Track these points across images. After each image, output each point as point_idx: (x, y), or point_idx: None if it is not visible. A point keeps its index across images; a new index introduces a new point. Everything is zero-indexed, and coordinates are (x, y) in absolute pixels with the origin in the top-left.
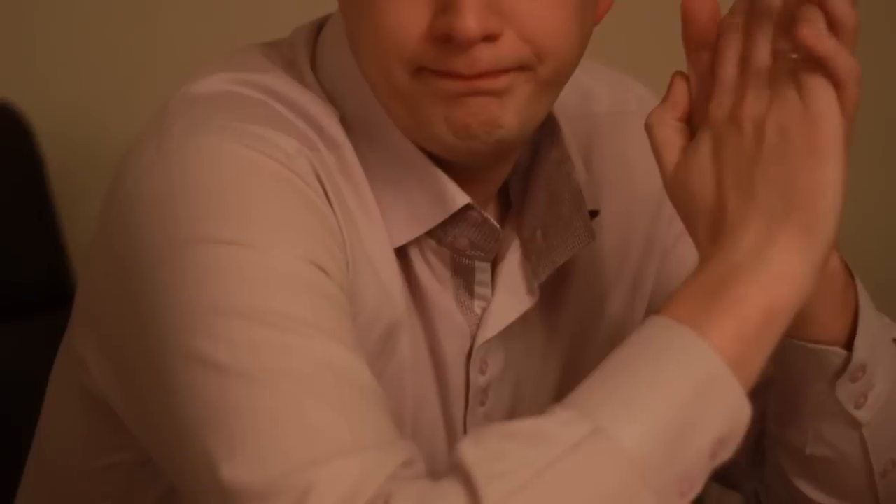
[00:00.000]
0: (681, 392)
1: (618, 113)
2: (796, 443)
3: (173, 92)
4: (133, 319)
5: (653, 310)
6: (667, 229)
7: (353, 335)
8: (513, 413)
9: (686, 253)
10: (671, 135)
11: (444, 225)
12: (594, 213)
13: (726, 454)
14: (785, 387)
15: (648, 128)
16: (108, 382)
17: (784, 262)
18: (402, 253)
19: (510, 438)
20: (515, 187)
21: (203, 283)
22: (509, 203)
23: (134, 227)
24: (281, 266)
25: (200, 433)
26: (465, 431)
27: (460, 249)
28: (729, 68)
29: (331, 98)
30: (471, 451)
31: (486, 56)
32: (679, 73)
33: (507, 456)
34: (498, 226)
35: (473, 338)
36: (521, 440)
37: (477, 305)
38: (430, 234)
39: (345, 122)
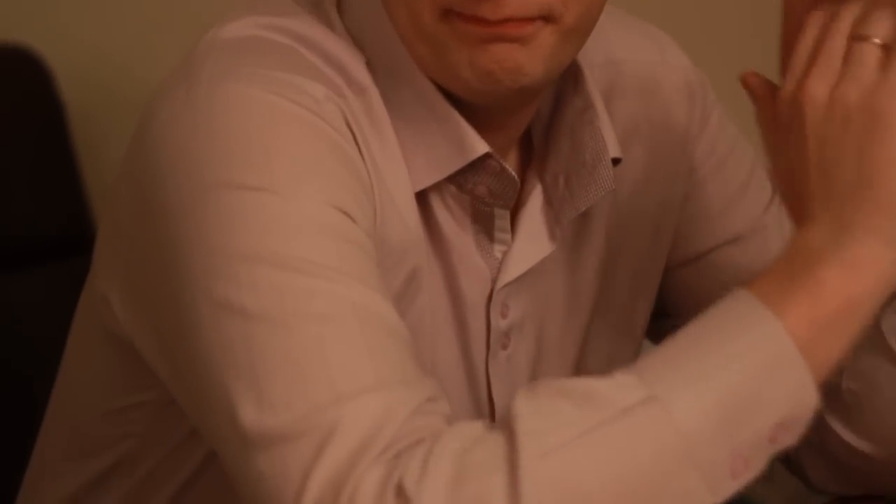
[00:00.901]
0: (745, 369)
1: (642, 61)
2: (833, 375)
3: (200, 36)
4: (158, 262)
5: (675, 255)
6: (688, 178)
7: (379, 279)
8: (538, 358)
9: (709, 201)
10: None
11: (464, 172)
12: (616, 161)
13: (789, 440)
14: None
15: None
16: (133, 323)
17: (864, 245)
18: (422, 198)
19: (564, 396)
20: (538, 134)
21: (227, 229)
22: (532, 150)
23: (160, 171)
24: (306, 212)
25: (223, 377)
26: (486, 375)
27: (479, 197)
28: (810, 44)
29: (356, 41)
30: (523, 403)
31: (511, 2)
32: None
33: (555, 413)
34: (515, 176)
35: (494, 282)
36: (574, 399)
37: (497, 250)
38: (451, 180)
39: (370, 66)
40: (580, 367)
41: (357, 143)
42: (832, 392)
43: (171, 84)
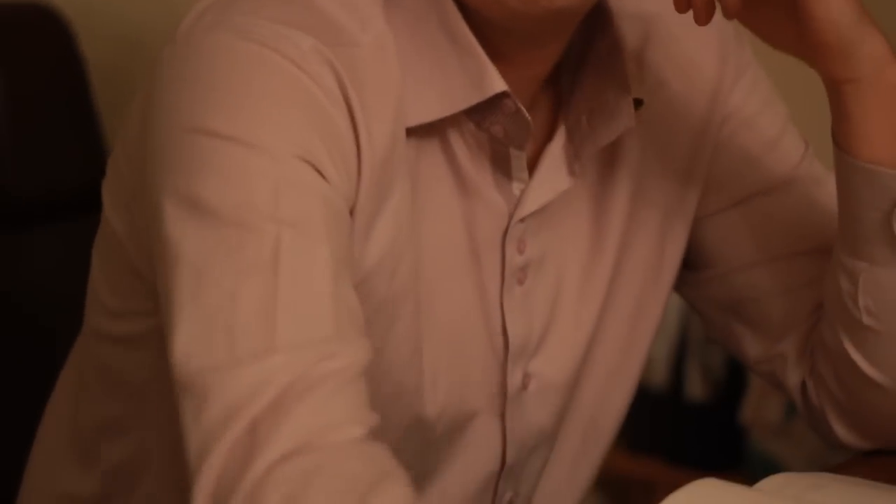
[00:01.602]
0: None
1: (674, 13)
2: (853, 294)
3: None
4: (142, 186)
5: (705, 205)
6: (720, 128)
7: (339, 234)
8: (557, 298)
9: (741, 151)
10: None
11: (482, 110)
12: (639, 102)
13: None
14: (844, 215)
15: None
16: (130, 243)
17: None
18: (442, 134)
19: None
20: (566, 80)
21: (186, 171)
22: (561, 97)
23: (152, 107)
24: (270, 163)
25: (167, 309)
26: (501, 309)
27: (495, 136)
28: None
29: None
30: None
31: None
32: None
33: None
34: (529, 118)
35: (511, 217)
36: None
37: (515, 187)
38: (469, 117)
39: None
40: (605, 313)
41: (347, 97)
42: (851, 319)
43: (181, 27)
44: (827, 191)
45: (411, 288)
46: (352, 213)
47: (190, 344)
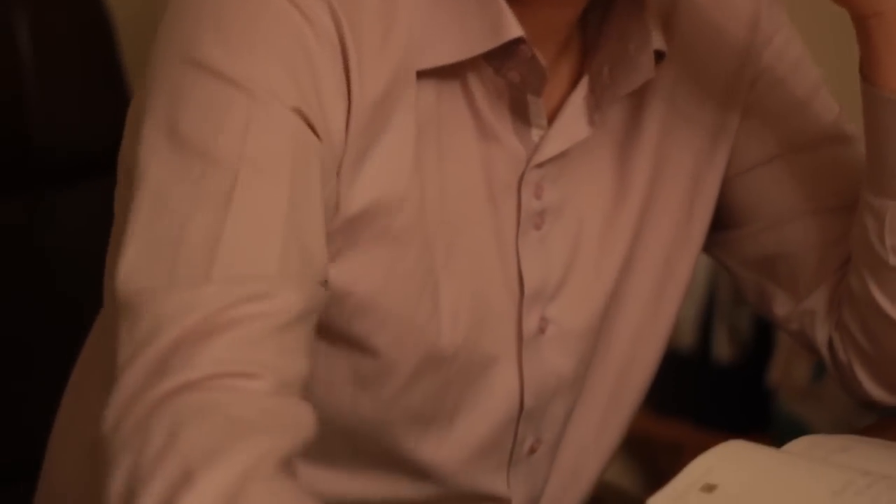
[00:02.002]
0: None
1: None
2: (879, 234)
3: None
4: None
5: (736, 163)
6: (751, 87)
7: (304, 183)
8: (576, 246)
9: (773, 109)
10: None
11: (499, 56)
12: (660, 54)
13: None
14: (871, 153)
15: None
16: None
17: None
18: (462, 77)
19: None
20: (592, 30)
21: (170, 99)
22: (585, 51)
23: (155, 40)
24: (249, 103)
25: (118, 224)
26: (517, 253)
27: (512, 82)
28: None
29: None
30: None
31: None
32: None
33: None
34: (544, 66)
35: (528, 162)
36: None
37: (534, 133)
38: (488, 62)
39: None
40: (629, 267)
41: (342, 38)
42: (877, 261)
43: None
44: (858, 151)
45: (418, 226)
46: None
47: (135, 265)
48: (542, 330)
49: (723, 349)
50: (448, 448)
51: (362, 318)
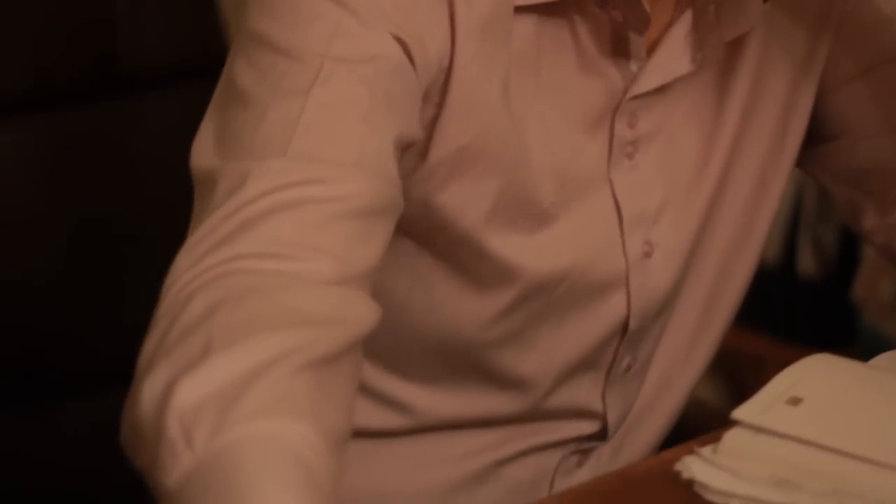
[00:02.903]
0: None
1: None
2: None
3: None
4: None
5: (832, 74)
6: (843, 3)
7: (385, 88)
8: (673, 171)
9: (869, 17)
10: None
11: None
12: None
13: None
14: None
15: None
16: None
17: None
18: (566, 14)
19: None
20: None
21: (266, 9)
22: None
23: None
24: (342, 14)
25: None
26: (609, 180)
27: (615, 20)
28: None
29: None
30: None
31: None
32: None
33: None
34: (647, 10)
35: (625, 93)
36: None
37: (633, 64)
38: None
39: None
40: (725, 184)
41: None
42: None
43: None
44: None
45: (517, 158)
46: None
47: (209, 144)
48: (647, 254)
49: (807, 263)
50: (547, 367)
51: (466, 246)
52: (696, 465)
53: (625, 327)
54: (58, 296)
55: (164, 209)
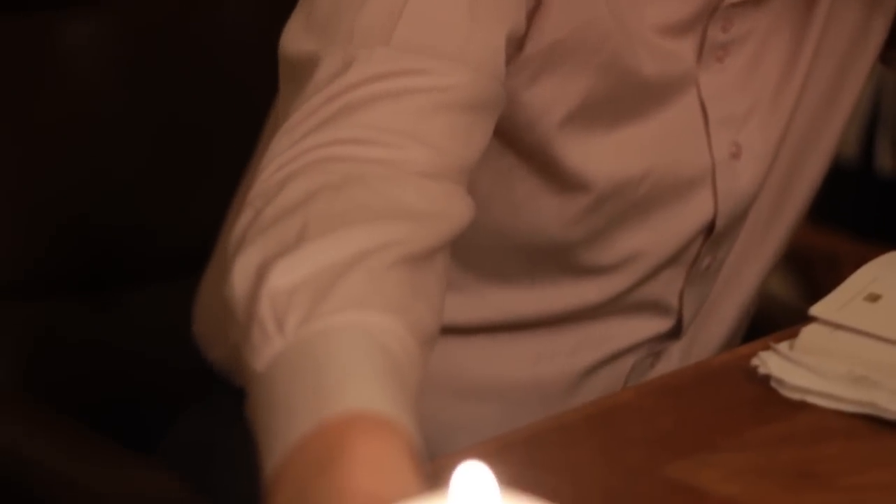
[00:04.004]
0: None
1: None
2: None
3: None
4: None
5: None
6: None
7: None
8: (761, 73)
9: None
10: None
11: None
12: None
13: None
14: None
15: None
16: None
17: None
18: None
19: None
20: None
21: None
22: None
23: None
24: None
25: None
26: (696, 82)
27: None
28: None
29: None
30: None
31: None
32: None
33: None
34: None
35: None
36: None
37: None
38: None
39: None
40: (807, 82)
41: None
42: None
43: None
44: None
45: (611, 56)
46: None
47: (308, 30)
48: (734, 155)
49: (885, 161)
50: (630, 263)
51: (554, 142)
52: (773, 361)
53: (710, 227)
54: (138, 188)
55: (245, 103)
